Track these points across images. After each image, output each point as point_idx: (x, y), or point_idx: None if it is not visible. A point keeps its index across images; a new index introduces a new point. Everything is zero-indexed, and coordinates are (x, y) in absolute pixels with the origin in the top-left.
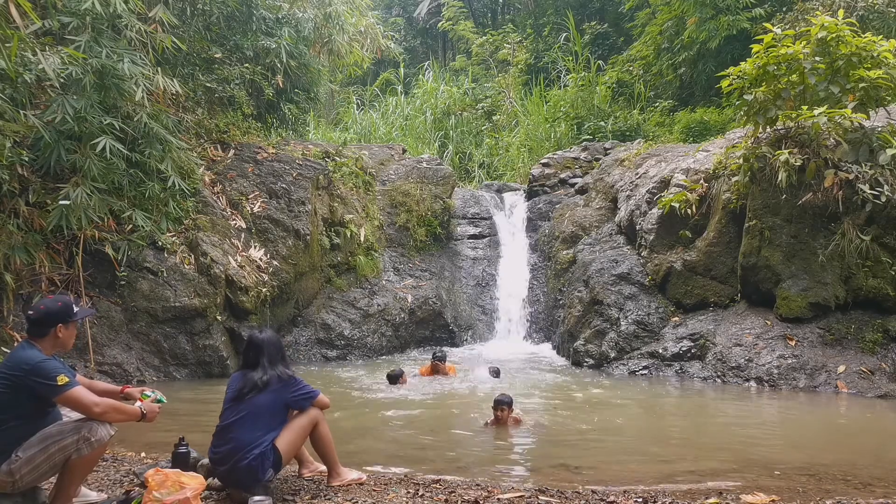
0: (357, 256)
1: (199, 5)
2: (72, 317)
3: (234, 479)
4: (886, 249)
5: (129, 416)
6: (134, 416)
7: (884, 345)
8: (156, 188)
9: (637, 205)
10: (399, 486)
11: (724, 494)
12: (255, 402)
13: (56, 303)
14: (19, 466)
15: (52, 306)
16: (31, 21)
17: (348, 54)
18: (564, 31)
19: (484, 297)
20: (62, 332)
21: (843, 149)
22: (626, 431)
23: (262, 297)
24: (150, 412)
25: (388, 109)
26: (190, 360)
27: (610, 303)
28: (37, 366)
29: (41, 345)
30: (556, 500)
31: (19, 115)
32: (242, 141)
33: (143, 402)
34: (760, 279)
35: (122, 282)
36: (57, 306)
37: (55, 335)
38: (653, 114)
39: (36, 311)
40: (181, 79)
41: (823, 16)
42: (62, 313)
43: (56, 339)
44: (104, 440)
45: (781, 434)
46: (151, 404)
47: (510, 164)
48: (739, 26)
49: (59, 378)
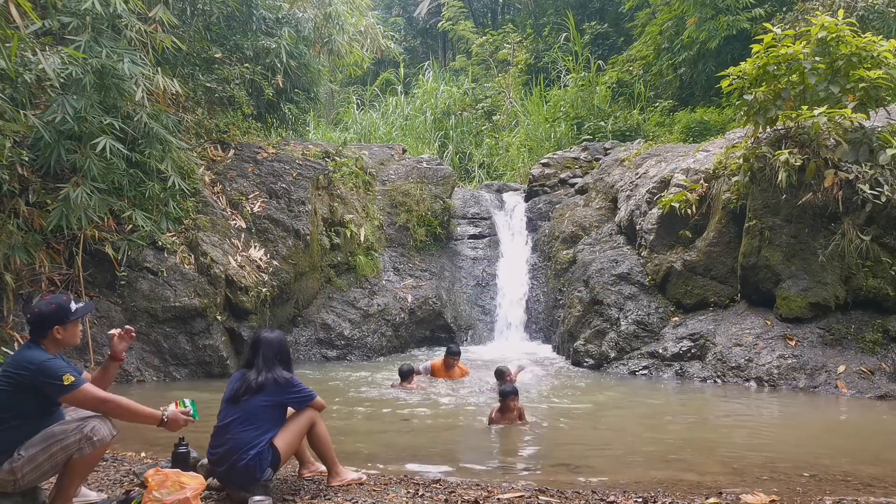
0: (357, 256)
1: (199, 5)
2: (69, 317)
3: (233, 479)
4: (886, 249)
5: (145, 418)
6: (152, 419)
7: (884, 345)
8: (156, 188)
9: (637, 205)
10: (399, 486)
11: (724, 494)
12: (252, 403)
13: (50, 305)
14: (21, 465)
15: (45, 309)
16: (31, 21)
17: (348, 54)
18: (564, 31)
19: (484, 296)
20: (61, 333)
21: (843, 149)
22: (625, 431)
23: (262, 297)
24: (174, 421)
25: (388, 109)
26: (190, 360)
27: (610, 303)
28: (42, 365)
29: (44, 345)
30: (556, 500)
31: (19, 114)
32: (242, 141)
33: (171, 408)
34: (760, 279)
35: (122, 282)
36: (51, 308)
37: (54, 336)
38: (653, 114)
39: (31, 314)
40: (181, 79)
41: (823, 16)
42: (57, 315)
43: (56, 340)
44: (106, 440)
45: (781, 434)
46: (178, 412)
47: (510, 164)
48: (739, 26)
49: (66, 378)
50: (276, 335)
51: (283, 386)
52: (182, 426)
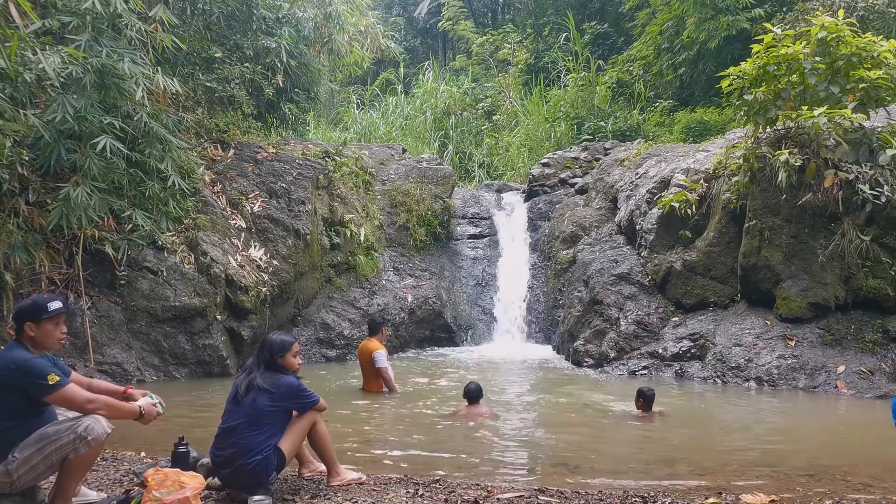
0: (357, 256)
1: (200, 5)
2: (41, 314)
3: (238, 483)
4: (886, 249)
5: (125, 413)
6: (130, 413)
7: (884, 345)
8: (156, 187)
9: (637, 205)
10: (399, 485)
11: (724, 494)
12: (257, 407)
13: (27, 301)
14: (16, 467)
15: (22, 304)
16: (30, 20)
17: (348, 54)
18: (564, 30)
19: (484, 296)
20: (33, 331)
21: (843, 149)
22: (625, 431)
23: (261, 296)
24: (148, 413)
25: (388, 109)
26: (190, 359)
27: (610, 303)
28: (24, 364)
29: (26, 344)
30: (556, 500)
31: (19, 114)
32: (242, 140)
33: (143, 400)
34: (760, 279)
35: (121, 281)
36: (26, 304)
37: (27, 334)
38: (653, 114)
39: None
40: (181, 78)
41: (823, 16)
42: (29, 311)
43: (31, 338)
44: (101, 438)
45: (781, 434)
46: (150, 405)
47: (510, 164)
48: (739, 26)
49: (50, 377)
50: (275, 338)
51: (292, 393)
52: (154, 418)
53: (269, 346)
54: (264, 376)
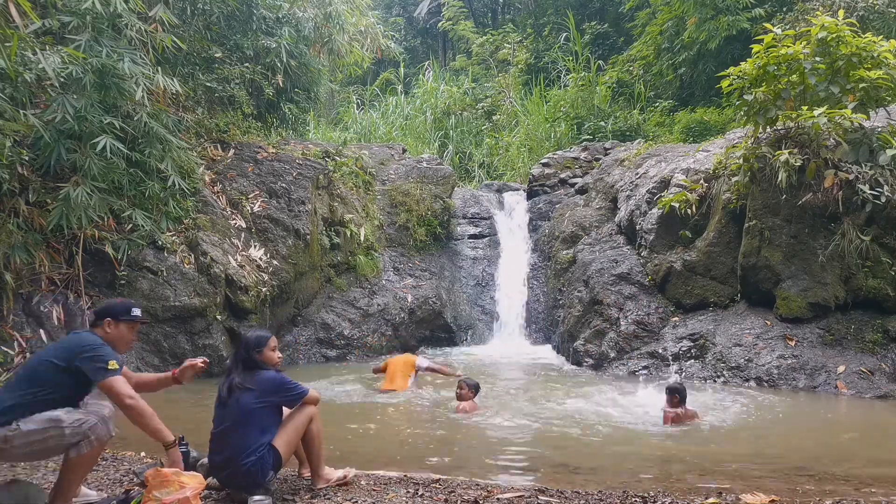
0: (357, 256)
1: (200, 5)
2: (124, 315)
3: (235, 484)
4: (886, 249)
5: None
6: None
7: (884, 345)
8: (156, 187)
9: (637, 205)
10: (399, 485)
11: (724, 494)
12: (243, 406)
13: (117, 300)
14: (15, 436)
15: (110, 302)
16: (30, 20)
17: (348, 54)
18: (564, 30)
19: (484, 296)
20: (110, 327)
21: (843, 149)
22: (625, 431)
23: (261, 296)
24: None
25: (388, 109)
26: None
27: (610, 303)
28: (95, 345)
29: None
30: (556, 499)
31: (19, 114)
32: (242, 140)
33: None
34: (760, 279)
35: (121, 281)
36: (116, 302)
37: (104, 329)
38: (653, 114)
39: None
40: (181, 78)
41: (823, 16)
42: (117, 309)
43: (106, 334)
44: (103, 440)
45: (781, 434)
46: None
47: (510, 164)
48: (739, 26)
49: (111, 363)
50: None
51: (275, 387)
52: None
53: (245, 344)
54: (243, 375)
